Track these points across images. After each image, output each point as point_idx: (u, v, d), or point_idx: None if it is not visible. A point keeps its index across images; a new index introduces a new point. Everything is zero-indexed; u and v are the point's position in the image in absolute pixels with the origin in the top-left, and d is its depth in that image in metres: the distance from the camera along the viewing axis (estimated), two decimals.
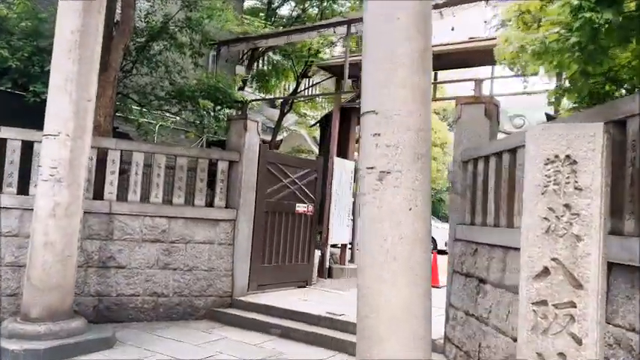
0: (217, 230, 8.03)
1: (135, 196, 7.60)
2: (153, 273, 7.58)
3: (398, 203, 3.71)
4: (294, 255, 9.26)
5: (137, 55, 8.40)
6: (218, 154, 8.20)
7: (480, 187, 5.57)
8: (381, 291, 3.71)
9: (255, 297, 8.20)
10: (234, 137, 8.32)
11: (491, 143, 5.46)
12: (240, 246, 8.12)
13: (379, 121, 3.82)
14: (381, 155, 3.75)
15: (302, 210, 9.38)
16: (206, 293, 7.90)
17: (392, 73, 3.83)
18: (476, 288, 5.36)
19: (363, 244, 3.88)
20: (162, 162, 7.77)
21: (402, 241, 3.69)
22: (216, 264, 8.00)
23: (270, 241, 8.77)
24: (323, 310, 7.41)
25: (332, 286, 9.94)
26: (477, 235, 5.50)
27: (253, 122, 8.31)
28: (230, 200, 8.20)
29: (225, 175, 8.18)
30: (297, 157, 9.46)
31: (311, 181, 9.63)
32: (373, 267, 3.77)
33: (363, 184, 3.85)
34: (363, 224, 3.88)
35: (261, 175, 8.46)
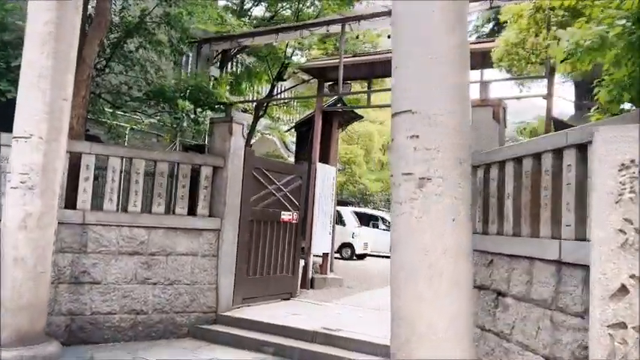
0: (201, 241, 7.48)
1: (111, 204, 6.97)
2: (131, 288, 6.97)
3: (440, 213, 3.32)
4: (279, 266, 8.78)
5: (111, 52, 7.77)
6: (201, 159, 7.65)
7: (494, 194, 5.27)
8: (423, 311, 3.31)
9: (240, 312, 7.67)
10: (218, 141, 7.79)
11: (508, 148, 5.16)
12: (225, 257, 7.59)
13: (417, 121, 3.41)
14: (421, 160, 3.36)
15: (287, 218, 8.91)
16: (189, 309, 7.32)
17: (431, 70, 3.45)
18: (493, 302, 5.04)
19: (398, 258, 3.47)
20: (141, 167, 7.18)
21: (445, 255, 3.30)
22: (200, 277, 7.43)
23: (255, 251, 8.27)
24: (317, 325, 6.96)
25: (317, 298, 9.50)
26: (492, 245, 5.19)
27: (239, 125, 7.81)
28: (214, 208, 7.66)
29: (209, 181, 7.64)
30: (282, 163, 9.01)
31: (296, 187, 9.18)
32: (412, 284, 3.36)
33: (398, 192, 3.44)
34: (398, 236, 3.47)
35: (246, 181, 7.96)
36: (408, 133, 3.40)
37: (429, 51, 3.41)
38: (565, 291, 3.98)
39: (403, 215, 3.37)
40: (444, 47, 3.44)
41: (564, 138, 4.18)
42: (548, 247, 4.24)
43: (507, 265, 4.89)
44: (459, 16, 3.57)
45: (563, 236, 4.12)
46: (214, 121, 7.91)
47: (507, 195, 5.02)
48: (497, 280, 5.01)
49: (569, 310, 3.91)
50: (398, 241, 3.45)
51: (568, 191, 4.11)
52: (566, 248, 4.02)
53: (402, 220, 3.39)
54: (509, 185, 5.00)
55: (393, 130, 3.58)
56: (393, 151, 3.69)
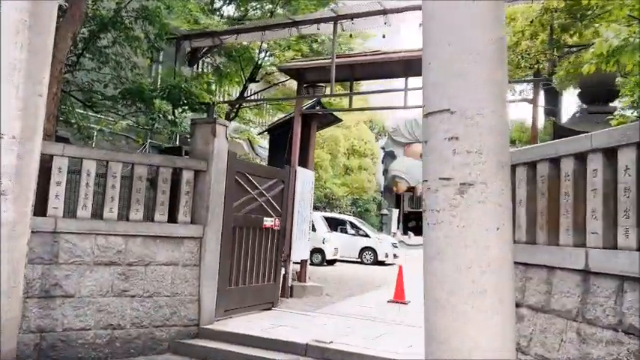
0: (182, 250, 7.02)
1: (85, 211, 6.44)
2: (107, 302, 6.44)
3: (484, 222, 3.03)
4: (260, 274, 8.38)
5: (83, 47, 7.22)
6: (183, 162, 7.19)
7: None
8: (467, 333, 3.01)
9: (224, 324, 7.24)
10: (200, 143, 7.35)
11: (520, 152, 4.97)
12: (207, 267, 7.15)
13: (457, 122, 3.12)
14: (461, 164, 3.07)
15: (269, 224, 8.53)
16: (169, 322, 6.84)
17: (470, 65, 3.17)
18: None
19: (436, 272, 3.16)
20: (117, 171, 6.67)
21: (490, 269, 3.02)
22: (181, 288, 6.97)
23: (237, 260, 7.85)
24: (307, 337, 6.61)
25: (299, 307, 9.14)
26: None
27: (222, 126, 7.40)
28: (196, 215, 7.21)
29: (190, 186, 7.19)
30: (264, 167, 8.63)
31: (278, 192, 8.81)
32: (454, 302, 3.06)
33: (435, 199, 3.15)
34: (436, 248, 3.17)
35: (229, 186, 7.54)
36: (446, 134, 3.11)
37: (467, 45, 3.14)
38: (595, 302, 3.80)
39: (442, 224, 3.07)
40: (483, 42, 3.18)
41: (589, 142, 4.01)
42: (572, 255, 4.06)
43: (521, 274, 4.70)
44: (497, 9, 3.33)
45: (589, 244, 3.95)
46: (196, 122, 7.46)
47: (519, 201, 4.83)
48: None
49: (600, 323, 3.73)
50: (436, 252, 3.14)
51: (594, 197, 3.94)
52: (594, 257, 3.84)
53: (440, 229, 3.10)
54: (521, 190, 4.82)
55: (427, 131, 3.29)
56: (428, 153, 3.39)
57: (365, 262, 19.54)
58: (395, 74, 9.44)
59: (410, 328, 7.75)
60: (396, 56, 9.00)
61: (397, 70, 9.23)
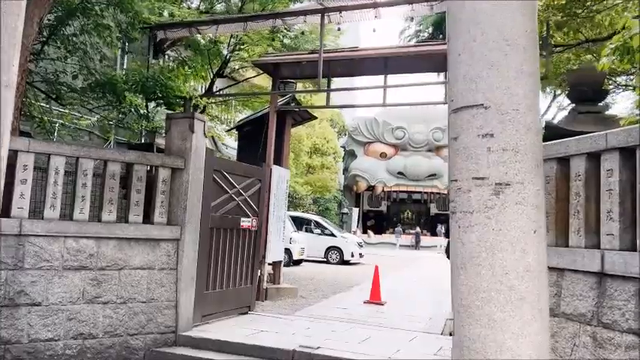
0: (158, 252, 6.60)
1: (53, 211, 5.95)
2: (78, 309, 5.97)
3: (521, 225, 2.84)
4: (237, 277, 8.04)
5: (49, 34, 6.69)
6: (159, 159, 6.76)
7: None
8: (504, 343, 2.81)
9: (202, 330, 6.87)
10: (176, 140, 6.95)
11: None
12: (185, 270, 6.76)
13: (491, 117, 2.92)
14: (497, 162, 2.86)
15: (246, 225, 8.19)
16: (145, 330, 6.42)
17: (506, 57, 2.97)
18: None
19: (470, 279, 2.95)
20: (89, 168, 6.20)
21: (528, 275, 2.82)
22: (157, 294, 6.55)
23: (214, 262, 7.48)
24: (292, 343, 6.34)
25: (275, 311, 8.84)
26: None
27: (200, 122, 7.02)
28: (173, 215, 6.81)
29: (167, 185, 6.78)
30: (242, 165, 8.27)
31: (255, 191, 8.48)
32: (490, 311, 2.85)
33: (468, 200, 2.93)
34: (469, 252, 2.95)
35: (206, 185, 7.17)
36: (480, 131, 2.89)
37: (502, 35, 2.94)
38: (612, 305, 3.70)
39: (475, 227, 2.86)
40: (518, 32, 2.98)
41: (603, 141, 3.91)
42: (585, 257, 3.95)
43: None
44: None
45: (605, 246, 3.85)
46: (172, 117, 7.04)
47: None
48: None
49: (619, 327, 3.63)
50: (468, 257, 2.92)
51: (609, 198, 3.84)
52: (610, 259, 3.74)
53: (473, 232, 2.88)
54: None
55: (456, 128, 3.06)
56: (457, 151, 3.17)
57: (331, 261, 19.36)
58: (374, 71, 9.26)
59: (393, 330, 7.59)
60: (376, 53, 8.83)
61: (377, 67, 9.06)
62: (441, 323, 8.47)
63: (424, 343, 6.88)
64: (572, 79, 6.26)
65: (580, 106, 5.99)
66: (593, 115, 5.96)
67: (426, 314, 9.27)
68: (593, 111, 6.01)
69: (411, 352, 6.35)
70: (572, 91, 6.24)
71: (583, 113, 5.94)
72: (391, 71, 9.03)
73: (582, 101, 6.08)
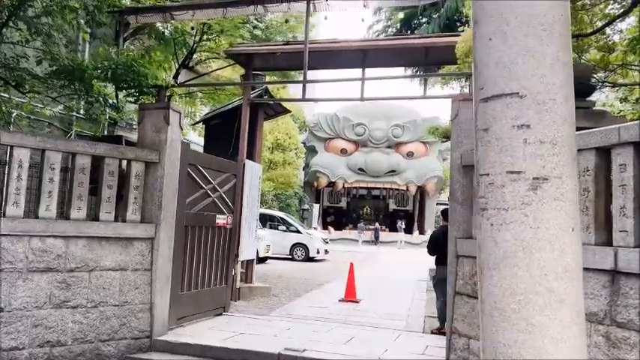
0: (131, 252, 6.18)
1: (16, 208, 5.44)
2: (44, 315, 5.50)
3: (560, 222, 2.66)
4: (212, 277, 7.67)
5: (8, 15, 6.13)
6: (133, 153, 6.31)
7: None
8: (544, 348, 2.62)
9: (179, 334, 6.49)
10: (150, 132, 6.52)
11: None
12: (160, 271, 6.36)
13: (528, 107, 2.72)
14: (534, 155, 2.67)
15: (222, 222, 7.83)
16: (118, 335, 5.99)
17: (542, 44, 2.78)
18: None
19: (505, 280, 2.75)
20: (56, 162, 5.71)
21: (567, 276, 2.64)
22: (131, 296, 6.13)
23: (189, 262, 7.10)
24: (276, 346, 6.06)
25: (250, 311, 8.52)
26: None
27: (176, 113, 6.61)
28: (147, 213, 6.39)
29: (140, 180, 6.35)
30: (218, 159, 7.88)
31: (231, 187, 8.13)
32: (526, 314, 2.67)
33: (502, 196, 2.73)
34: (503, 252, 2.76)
35: (181, 180, 6.78)
36: (515, 121, 2.69)
37: (538, 20, 2.74)
38: (627, 304, 3.60)
39: (511, 225, 2.66)
40: (553, 17, 2.79)
41: (616, 135, 3.82)
42: (596, 255, 3.86)
43: None
44: None
45: (617, 243, 3.76)
46: (146, 107, 6.60)
47: None
48: None
49: (634, 326, 3.54)
50: (503, 257, 2.72)
51: (622, 194, 3.75)
52: (625, 257, 3.65)
53: (508, 230, 2.68)
54: None
55: (486, 118, 2.85)
56: (488, 143, 2.96)
57: (296, 258, 19.09)
58: (352, 64, 9.05)
59: (375, 329, 7.41)
60: (356, 45, 8.61)
61: (355, 60, 8.84)
62: (420, 321, 8.37)
63: (409, 342, 6.73)
64: None
65: None
66: (582, 111, 5.93)
67: (403, 312, 9.15)
68: (582, 106, 6.00)
69: (399, 352, 6.18)
70: None
71: None
72: (369, 65, 8.84)
73: None
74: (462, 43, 6.91)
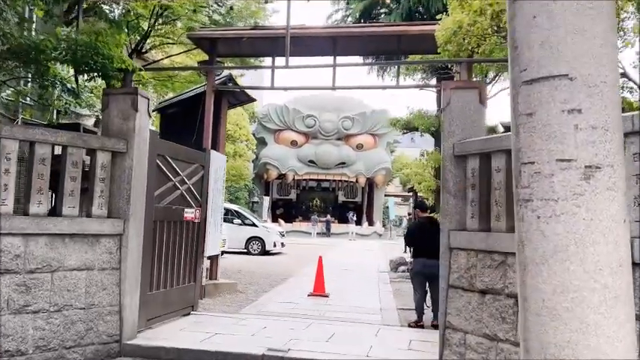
0: (98, 250, 5.67)
1: None
2: (2, 322, 4.94)
3: (613, 213, 2.50)
4: (181, 275, 7.22)
5: None
6: (98, 141, 5.78)
7: (502, 186, 4.70)
8: (599, 348, 2.45)
9: (150, 337, 6.04)
10: (117, 119, 6.00)
11: None
12: (129, 270, 5.87)
13: (578, 90, 2.54)
14: (586, 142, 2.50)
15: (190, 216, 7.38)
16: (84, 341, 5.49)
17: (592, 24, 2.59)
18: (512, 308, 4.46)
19: (555, 275, 2.57)
20: (12, 151, 5.12)
21: (621, 270, 2.49)
22: (98, 298, 5.63)
23: (158, 259, 6.63)
24: (257, 346, 5.73)
25: (219, 309, 8.12)
26: (504, 244, 4.59)
27: (144, 99, 6.13)
28: (114, 207, 5.88)
29: (107, 171, 5.83)
30: (186, 149, 7.40)
31: (199, 179, 7.68)
32: (580, 313, 2.49)
33: (551, 186, 2.54)
34: (553, 245, 2.57)
35: (150, 172, 6.30)
36: (564, 105, 2.50)
37: None
38: None
39: (562, 217, 2.47)
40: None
41: (630, 123, 3.74)
42: None
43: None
44: None
45: (634, 234, 3.69)
46: (111, 92, 6.07)
47: None
48: (515, 283, 4.42)
49: None
50: (552, 252, 2.53)
51: (637, 184, 3.69)
52: None
53: (559, 223, 2.49)
54: None
55: (531, 102, 2.64)
56: (534, 129, 2.75)
57: (252, 252, 18.67)
58: (321, 51, 8.74)
59: (354, 325, 7.20)
60: (328, 32, 8.32)
61: (325, 47, 8.53)
62: (394, 314, 8.24)
63: (391, 337, 6.56)
64: None
65: None
66: None
67: (375, 305, 9.00)
68: None
69: (385, 348, 5.99)
70: None
71: None
72: (341, 52, 8.57)
73: None
74: (442, 31, 6.76)
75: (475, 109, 5.27)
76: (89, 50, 5.72)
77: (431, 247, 7.36)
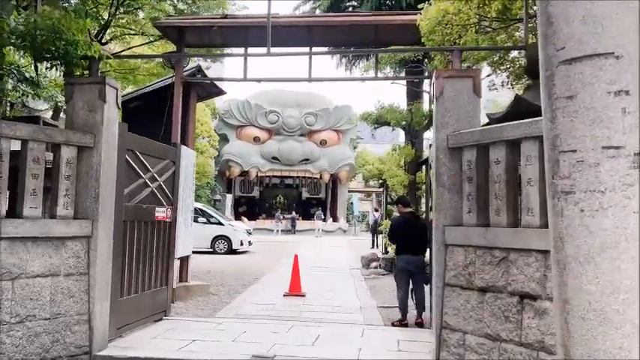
0: (64, 254, 5.17)
1: None
2: None
3: None
4: (153, 278, 6.76)
5: None
6: (63, 135, 5.27)
7: (502, 179, 4.49)
8: None
9: (122, 347, 5.58)
10: (82, 111, 5.50)
11: (526, 124, 4.37)
12: (98, 275, 5.40)
13: (625, 70, 2.30)
14: (634, 126, 2.27)
15: (161, 216, 6.92)
16: (50, 355, 4.99)
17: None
18: (515, 307, 4.25)
19: (597, 275, 2.33)
20: None
21: None
22: (65, 307, 5.14)
23: (129, 262, 6.16)
24: (241, 353, 5.38)
25: (192, 313, 7.69)
26: (505, 239, 4.38)
27: (113, 89, 5.65)
28: (81, 207, 5.39)
29: (72, 168, 5.33)
30: (157, 144, 6.92)
31: (170, 176, 7.22)
32: (632, 316, 2.26)
33: (596, 176, 2.31)
34: (595, 241, 2.33)
35: (119, 168, 5.83)
36: (610, 87, 2.26)
37: None
38: None
39: (610, 210, 2.24)
40: None
41: None
42: None
43: (537, 262, 4.14)
44: None
45: None
46: (75, 82, 5.56)
47: (528, 180, 4.26)
48: (520, 280, 4.22)
49: None
50: (600, 249, 2.29)
51: None
52: None
53: (607, 216, 2.26)
54: (531, 168, 4.25)
55: (572, 83, 2.38)
56: (575, 113, 2.50)
57: (218, 251, 18.13)
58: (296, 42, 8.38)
59: (337, 325, 6.91)
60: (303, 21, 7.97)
61: (300, 37, 8.18)
62: (375, 313, 8.00)
63: (377, 338, 6.30)
64: (531, 54, 6.04)
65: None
66: None
67: (354, 304, 8.74)
68: None
69: (373, 349, 5.73)
70: (533, 65, 6.02)
71: None
72: (317, 43, 8.25)
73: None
74: (425, 20, 6.53)
75: (469, 98, 5.05)
76: (51, 35, 5.21)
77: (415, 243, 7.18)
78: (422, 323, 7.13)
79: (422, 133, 13.87)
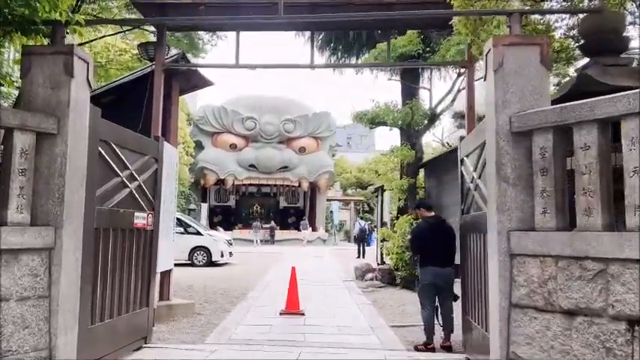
0: (16, 272, 3.96)
1: None
2: None
3: None
4: (131, 298, 5.56)
5: None
6: (16, 118, 4.06)
7: (594, 169, 3.49)
8: None
9: None
10: (42, 89, 4.32)
11: (626, 96, 3.37)
12: (63, 297, 4.19)
13: None
14: None
15: (141, 223, 5.74)
16: None
17: None
18: (622, 335, 3.23)
19: None
20: None
21: None
22: (17, 341, 3.92)
23: (102, 280, 4.95)
24: None
25: (177, 338, 6.48)
26: (603, 247, 3.37)
27: (83, 62, 4.49)
28: (40, 210, 4.19)
29: (29, 160, 4.13)
30: (135, 135, 5.75)
31: (151, 175, 6.05)
32: None
33: None
34: None
35: (90, 163, 4.65)
36: None
37: None
38: None
39: None
40: None
41: None
42: None
43: None
44: None
45: None
46: (34, 51, 4.38)
47: (634, 169, 3.27)
48: (627, 300, 3.22)
49: None
50: None
51: None
52: None
53: None
54: (636, 154, 3.26)
55: None
56: None
57: (197, 263, 16.81)
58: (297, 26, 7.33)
59: (354, 352, 5.82)
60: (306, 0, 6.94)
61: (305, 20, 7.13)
62: (391, 335, 6.93)
63: None
64: (588, 26, 5.12)
65: (605, 57, 4.89)
66: (623, 69, 4.90)
67: (362, 323, 7.65)
68: (621, 63, 4.95)
69: None
70: (589, 40, 5.09)
71: (610, 66, 4.83)
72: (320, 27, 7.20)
73: (600, 53, 4.98)
74: None
75: (537, 71, 4.06)
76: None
77: (442, 253, 6.16)
78: (450, 347, 6.10)
79: (422, 133, 12.95)
